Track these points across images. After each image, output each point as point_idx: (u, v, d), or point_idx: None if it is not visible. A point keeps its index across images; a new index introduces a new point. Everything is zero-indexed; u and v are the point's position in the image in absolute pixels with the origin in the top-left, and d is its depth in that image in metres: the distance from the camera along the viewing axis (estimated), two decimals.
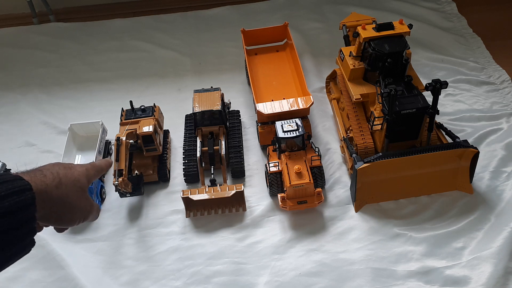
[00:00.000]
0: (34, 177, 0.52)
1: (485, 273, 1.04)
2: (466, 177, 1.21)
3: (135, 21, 1.98)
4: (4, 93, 1.71)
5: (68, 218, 0.58)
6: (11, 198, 0.47)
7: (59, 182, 0.55)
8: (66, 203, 0.56)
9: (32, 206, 0.49)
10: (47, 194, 0.53)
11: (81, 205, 0.59)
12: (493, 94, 1.49)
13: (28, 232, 0.49)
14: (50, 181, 0.54)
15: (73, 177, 0.58)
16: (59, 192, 0.55)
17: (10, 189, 0.47)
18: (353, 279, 1.07)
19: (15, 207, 0.47)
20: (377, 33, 1.19)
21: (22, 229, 0.48)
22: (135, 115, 1.34)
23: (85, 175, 0.61)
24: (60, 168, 0.57)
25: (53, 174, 0.55)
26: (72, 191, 0.57)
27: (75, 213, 0.58)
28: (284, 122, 1.24)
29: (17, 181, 0.49)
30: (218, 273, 1.11)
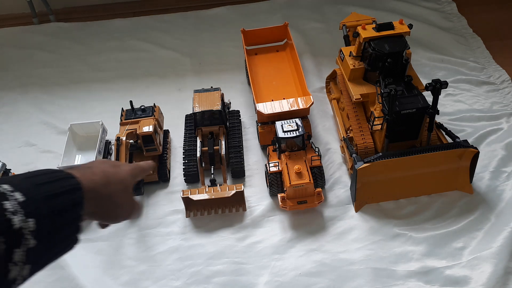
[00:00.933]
0: (84, 174, 0.53)
1: (485, 273, 1.04)
2: (466, 177, 1.21)
3: (135, 21, 1.98)
4: (4, 93, 1.71)
5: (113, 215, 0.59)
6: (64, 196, 0.48)
7: (107, 181, 0.56)
8: (112, 201, 0.57)
9: (81, 205, 0.50)
10: (96, 192, 0.53)
11: (126, 204, 0.61)
12: (493, 94, 1.49)
13: (75, 230, 0.50)
14: (99, 179, 0.55)
15: (120, 176, 0.59)
16: (107, 190, 0.55)
17: (63, 187, 0.48)
18: (353, 279, 1.07)
19: (66, 206, 0.48)
20: (377, 33, 1.19)
21: (70, 227, 0.49)
22: (135, 115, 1.34)
23: (130, 174, 0.62)
24: (108, 167, 0.58)
25: (102, 172, 0.56)
26: (119, 189, 0.58)
27: (120, 211, 0.59)
28: (284, 122, 1.24)
29: (69, 179, 0.50)
30: (218, 273, 1.11)
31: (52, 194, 0.47)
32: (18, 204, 0.43)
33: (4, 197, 0.43)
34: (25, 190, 0.44)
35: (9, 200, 0.42)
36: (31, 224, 0.43)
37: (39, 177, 0.48)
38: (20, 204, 0.43)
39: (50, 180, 0.48)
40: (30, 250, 0.43)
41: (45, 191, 0.46)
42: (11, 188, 0.44)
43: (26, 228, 0.42)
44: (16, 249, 0.41)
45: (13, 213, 0.42)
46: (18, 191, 0.44)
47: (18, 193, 0.44)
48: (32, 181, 0.47)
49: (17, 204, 0.42)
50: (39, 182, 0.47)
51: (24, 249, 0.42)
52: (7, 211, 0.41)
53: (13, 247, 0.41)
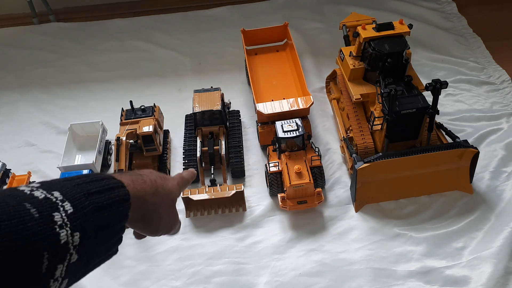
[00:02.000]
0: (135, 182, 0.52)
1: (485, 273, 1.04)
2: (466, 177, 1.21)
3: (135, 21, 1.98)
4: (4, 93, 1.71)
5: (154, 226, 0.57)
6: (112, 208, 0.45)
7: (156, 191, 0.54)
8: (157, 212, 0.55)
9: (126, 217, 0.48)
10: (144, 201, 0.52)
11: (169, 217, 0.59)
12: (493, 94, 1.49)
13: (117, 242, 0.48)
14: (149, 188, 0.53)
15: (167, 188, 0.58)
16: (154, 200, 0.54)
17: (113, 198, 0.46)
18: (353, 279, 1.07)
19: (113, 219, 0.46)
20: (377, 33, 1.19)
21: (113, 239, 0.47)
22: (135, 115, 1.34)
23: (177, 187, 0.61)
24: (157, 177, 0.57)
25: (151, 182, 0.54)
26: (165, 201, 0.57)
27: (161, 223, 0.58)
28: (284, 122, 1.24)
29: (119, 188, 0.48)
30: (218, 273, 1.11)
31: (101, 206, 0.44)
32: (67, 216, 0.40)
33: (55, 207, 0.40)
34: (74, 200, 0.42)
35: (59, 211, 0.40)
36: (76, 238, 0.40)
37: (90, 184, 0.45)
38: (69, 216, 0.40)
39: (100, 188, 0.46)
40: (71, 265, 0.41)
41: (94, 202, 0.44)
42: (61, 196, 0.41)
43: (71, 243, 0.40)
44: (59, 265, 0.39)
45: (60, 226, 0.39)
46: (67, 201, 0.41)
47: (68, 203, 0.41)
48: (82, 189, 0.44)
49: (65, 216, 0.40)
50: (90, 190, 0.45)
51: (66, 264, 0.40)
52: (56, 224, 0.39)
53: (56, 263, 0.39)
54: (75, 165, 1.34)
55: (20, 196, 0.40)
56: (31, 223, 0.37)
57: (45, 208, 0.39)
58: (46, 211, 0.39)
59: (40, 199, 0.40)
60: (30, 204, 0.39)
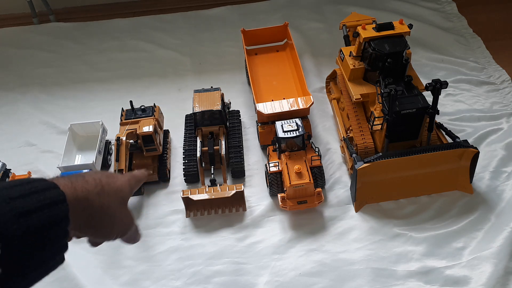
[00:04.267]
0: (75, 182, 0.48)
1: (485, 273, 1.04)
2: (466, 177, 1.21)
3: (135, 21, 1.98)
4: (4, 93, 1.71)
5: (106, 230, 0.53)
6: (42, 212, 0.41)
7: (101, 190, 0.50)
8: (106, 214, 0.51)
9: (65, 220, 0.43)
10: (88, 202, 0.48)
11: (122, 218, 0.55)
12: (493, 94, 1.49)
13: (59, 249, 0.44)
14: (92, 188, 0.49)
15: (115, 186, 0.53)
16: (101, 200, 0.50)
17: (41, 201, 0.41)
18: (353, 279, 1.07)
19: (45, 223, 0.41)
20: (377, 33, 1.19)
21: (51, 247, 0.42)
22: (135, 115, 1.34)
23: (128, 184, 0.56)
24: (102, 176, 0.53)
25: (95, 181, 0.50)
26: (114, 201, 0.52)
27: (114, 225, 0.53)
28: (284, 122, 1.24)
29: (50, 190, 0.43)
30: (218, 273, 1.11)
31: (27, 210, 0.40)
32: None
33: None
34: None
35: None
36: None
37: (12, 189, 0.41)
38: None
39: (25, 192, 0.41)
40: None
41: (18, 206, 0.40)
42: None
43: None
44: None
45: None
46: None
47: None
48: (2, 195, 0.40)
49: None
50: (12, 195, 0.40)
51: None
52: None
53: None
54: (75, 165, 1.34)
55: None
56: None
57: None
58: None
59: None
60: None
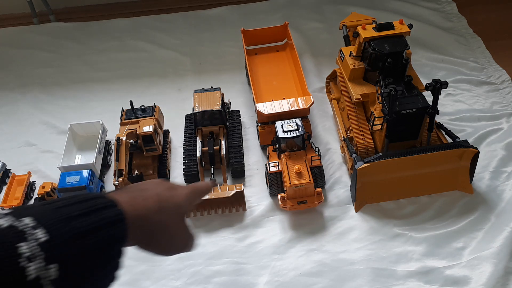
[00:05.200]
0: (134, 199, 0.45)
1: (485, 273, 1.04)
2: (466, 177, 1.21)
3: (135, 21, 1.98)
4: (4, 93, 1.71)
5: (163, 248, 0.51)
6: (101, 232, 0.39)
7: (161, 206, 0.48)
8: (164, 232, 0.49)
9: (122, 240, 0.41)
10: (147, 220, 0.46)
11: (180, 236, 0.53)
12: (493, 94, 1.49)
13: (113, 269, 0.42)
14: (152, 205, 0.46)
15: (175, 201, 0.51)
16: (160, 218, 0.47)
17: (101, 220, 0.39)
18: (353, 279, 1.07)
19: (102, 244, 0.39)
20: (377, 33, 1.19)
21: (106, 267, 0.40)
22: (135, 115, 1.34)
23: (187, 199, 0.53)
24: (163, 190, 0.50)
25: (155, 196, 0.48)
26: (173, 218, 0.50)
27: (171, 243, 0.52)
28: (284, 122, 1.24)
29: (110, 208, 0.41)
30: (218, 273, 1.11)
31: (85, 231, 0.38)
32: (38, 245, 0.34)
33: (22, 237, 0.34)
34: (50, 226, 0.36)
35: (27, 240, 0.34)
36: (53, 271, 0.34)
37: (72, 206, 0.39)
38: (41, 245, 0.34)
39: (85, 210, 0.39)
40: None
41: (76, 226, 0.37)
42: (33, 222, 0.36)
43: (45, 278, 0.34)
44: None
45: (29, 258, 0.33)
46: (42, 227, 0.35)
47: (41, 230, 0.35)
48: (62, 213, 0.38)
49: (36, 246, 0.34)
50: (71, 213, 0.38)
51: None
52: (21, 257, 0.33)
53: None
54: (75, 165, 1.34)
55: None
56: None
57: (6, 238, 0.33)
58: (6, 243, 0.33)
59: (1, 228, 0.34)
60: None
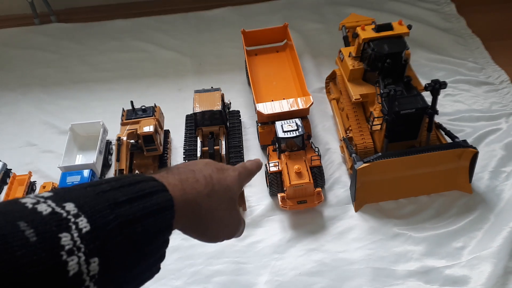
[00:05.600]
0: (185, 181, 0.42)
1: (484, 273, 1.04)
2: (466, 177, 1.21)
3: (135, 22, 1.99)
4: (5, 93, 1.72)
5: (213, 234, 0.48)
6: (147, 221, 0.36)
7: (212, 190, 0.44)
8: (214, 217, 0.45)
9: (169, 228, 0.39)
10: (197, 205, 0.42)
11: (230, 220, 0.49)
12: (492, 94, 1.50)
13: (157, 260, 0.39)
14: (202, 188, 0.43)
15: (225, 183, 0.47)
16: (210, 202, 0.44)
17: (148, 207, 0.36)
18: (353, 279, 1.07)
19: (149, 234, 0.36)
20: (377, 33, 1.19)
21: (150, 258, 0.38)
22: (136, 115, 1.35)
23: (237, 181, 0.49)
24: (213, 171, 0.46)
25: (206, 179, 0.44)
26: (223, 201, 0.46)
27: (221, 228, 0.48)
28: (284, 122, 1.24)
29: (159, 193, 0.38)
30: (218, 272, 1.12)
31: (132, 219, 0.34)
32: (80, 237, 0.31)
33: (64, 226, 0.30)
34: (94, 214, 0.32)
35: (69, 230, 0.30)
36: (94, 265, 0.31)
37: (119, 190, 0.35)
38: (83, 237, 0.31)
39: (133, 195, 0.36)
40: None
41: (123, 214, 0.34)
42: (76, 209, 0.32)
43: (86, 273, 0.30)
44: None
45: (69, 252, 0.29)
46: (84, 215, 0.32)
47: (83, 219, 0.31)
48: (107, 198, 0.34)
49: (78, 237, 0.30)
50: (118, 199, 0.35)
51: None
52: (63, 250, 0.29)
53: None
54: (75, 165, 1.35)
55: (16, 212, 0.30)
56: (22, 251, 0.27)
57: (48, 227, 0.30)
58: (48, 232, 0.30)
59: (43, 215, 0.30)
60: (26, 224, 0.29)
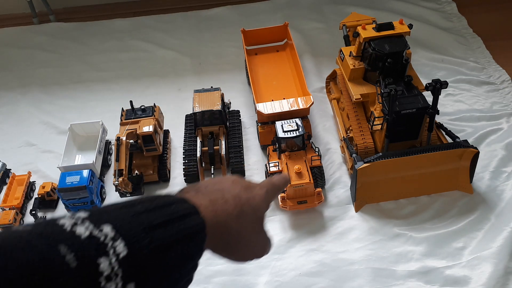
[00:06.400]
0: (215, 203, 0.40)
1: (485, 273, 1.04)
2: (466, 177, 1.21)
3: (135, 21, 1.98)
4: (4, 93, 1.71)
5: (241, 254, 0.46)
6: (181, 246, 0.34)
7: (241, 211, 0.43)
8: (243, 238, 0.44)
9: (200, 252, 0.37)
10: (227, 227, 0.41)
11: (258, 241, 0.48)
12: (493, 94, 1.49)
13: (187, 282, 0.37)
14: (232, 209, 0.42)
15: (254, 203, 0.45)
16: (239, 223, 0.42)
17: (182, 231, 0.35)
18: (353, 279, 1.07)
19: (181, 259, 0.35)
20: (377, 33, 1.19)
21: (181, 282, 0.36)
22: (135, 115, 1.34)
23: (265, 199, 0.48)
24: (241, 190, 0.44)
25: (235, 199, 0.43)
26: (251, 222, 0.45)
27: (249, 250, 0.47)
28: (284, 122, 1.24)
29: (192, 217, 0.37)
30: (218, 273, 1.11)
31: (166, 244, 0.33)
32: (118, 262, 0.29)
33: (103, 250, 0.29)
34: (131, 237, 0.31)
35: (108, 255, 0.29)
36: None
37: (153, 213, 0.34)
38: (121, 262, 0.30)
39: (167, 218, 0.35)
40: None
41: (157, 238, 0.33)
42: (113, 232, 0.31)
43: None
44: None
45: (107, 278, 0.29)
46: (121, 238, 0.31)
47: (121, 242, 0.30)
48: (142, 221, 0.33)
49: (116, 262, 0.29)
50: (152, 222, 0.34)
51: None
52: (101, 276, 0.28)
53: None
54: (75, 165, 1.34)
55: (55, 235, 0.29)
56: (63, 278, 0.27)
57: (87, 252, 0.29)
58: (88, 257, 0.29)
59: (82, 239, 0.29)
60: (67, 247, 0.28)
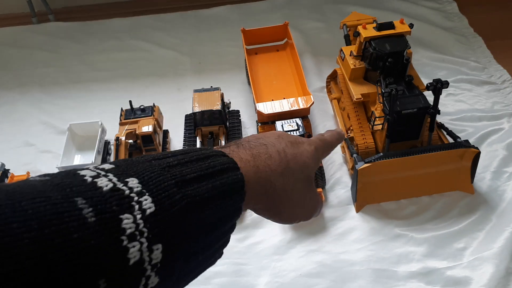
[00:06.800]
0: (257, 157, 0.36)
1: (486, 274, 1.04)
2: (467, 177, 1.20)
3: (134, 21, 1.98)
4: (3, 93, 1.71)
5: (288, 215, 0.42)
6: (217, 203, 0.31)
7: (286, 167, 0.38)
8: (289, 197, 0.40)
9: (237, 213, 0.34)
10: (270, 184, 0.37)
11: (305, 202, 0.43)
12: (494, 94, 1.49)
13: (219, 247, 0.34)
14: (276, 166, 0.38)
15: (301, 160, 0.40)
16: (285, 181, 0.38)
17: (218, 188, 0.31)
18: (354, 280, 1.06)
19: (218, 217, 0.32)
20: (378, 32, 1.18)
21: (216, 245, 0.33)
22: (135, 115, 1.34)
23: (314, 156, 0.43)
24: (287, 145, 0.40)
25: (279, 154, 0.38)
26: (299, 180, 0.40)
27: (297, 210, 0.42)
28: (284, 122, 1.23)
29: (230, 173, 0.33)
30: (218, 274, 1.11)
31: (198, 201, 0.29)
32: (143, 220, 0.26)
33: (127, 205, 0.26)
34: (159, 192, 0.27)
35: (132, 211, 0.26)
36: (157, 253, 0.26)
37: (186, 166, 0.30)
38: (146, 219, 0.26)
39: (201, 173, 0.31)
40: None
41: (191, 194, 0.29)
42: (140, 186, 0.27)
43: (148, 262, 0.26)
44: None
45: (130, 237, 0.25)
46: (148, 193, 0.27)
47: (148, 198, 0.27)
48: (174, 174, 0.29)
49: (141, 219, 0.26)
50: (186, 176, 0.30)
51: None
52: (124, 234, 0.25)
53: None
54: (74, 165, 1.34)
55: (74, 187, 0.25)
56: (79, 233, 0.23)
57: (108, 206, 0.25)
58: (109, 213, 0.25)
59: (103, 191, 0.26)
60: (85, 201, 0.25)
